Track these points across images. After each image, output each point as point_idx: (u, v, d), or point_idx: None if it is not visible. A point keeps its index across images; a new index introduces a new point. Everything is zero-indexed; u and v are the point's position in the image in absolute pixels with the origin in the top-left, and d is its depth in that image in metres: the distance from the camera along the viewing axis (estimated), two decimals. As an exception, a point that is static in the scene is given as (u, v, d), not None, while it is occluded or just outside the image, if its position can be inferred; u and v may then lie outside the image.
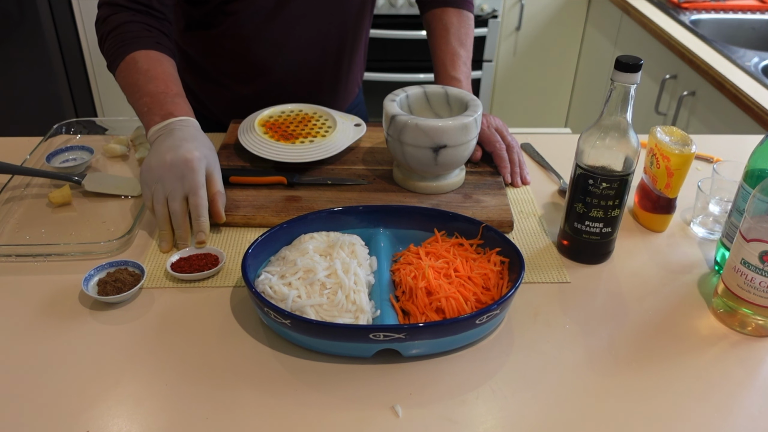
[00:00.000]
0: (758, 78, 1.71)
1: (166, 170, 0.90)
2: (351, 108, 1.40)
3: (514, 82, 2.90)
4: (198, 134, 0.96)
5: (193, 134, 0.95)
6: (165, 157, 0.90)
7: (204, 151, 0.93)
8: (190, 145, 0.92)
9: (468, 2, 1.26)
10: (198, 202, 0.91)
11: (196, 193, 0.91)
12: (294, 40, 1.21)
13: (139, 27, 1.03)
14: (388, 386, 0.73)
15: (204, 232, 0.91)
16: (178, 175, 0.90)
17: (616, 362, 0.77)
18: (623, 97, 0.83)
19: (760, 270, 0.77)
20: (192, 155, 0.90)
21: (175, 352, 0.77)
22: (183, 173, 0.90)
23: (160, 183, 0.91)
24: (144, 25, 1.03)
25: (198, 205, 0.91)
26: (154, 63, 1.01)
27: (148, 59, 1.01)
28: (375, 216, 0.93)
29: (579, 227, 0.91)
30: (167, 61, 1.03)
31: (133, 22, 1.03)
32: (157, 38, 1.04)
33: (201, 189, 0.91)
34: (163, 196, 0.91)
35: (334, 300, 0.77)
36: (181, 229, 0.92)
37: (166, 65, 1.02)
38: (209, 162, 0.94)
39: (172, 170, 0.90)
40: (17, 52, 2.43)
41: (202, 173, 0.91)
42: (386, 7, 2.59)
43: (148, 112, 0.97)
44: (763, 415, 0.71)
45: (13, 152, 1.15)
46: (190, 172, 0.90)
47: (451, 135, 0.97)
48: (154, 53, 1.02)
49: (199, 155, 0.91)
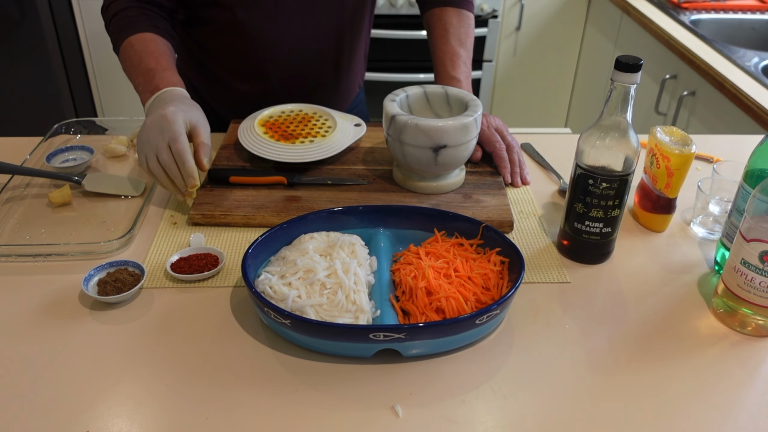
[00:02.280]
0: (758, 78, 1.71)
1: (148, 131, 0.96)
2: (352, 107, 1.40)
3: (514, 82, 2.90)
4: (180, 97, 1.01)
5: (174, 97, 1.00)
6: (146, 122, 0.97)
7: (181, 107, 0.98)
8: (167, 105, 0.97)
9: (468, 2, 1.26)
10: (178, 148, 0.94)
11: (176, 140, 0.94)
12: (291, 37, 1.21)
13: (137, 12, 1.09)
14: (388, 386, 0.73)
15: (192, 177, 0.95)
16: (158, 130, 0.95)
17: (616, 362, 0.77)
18: (623, 97, 0.83)
19: (760, 270, 0.77)
20: (166, 110, 0.95)
21: (175, 352, 0.77)
22: (161, 126, 0.95)
23: (147, 144, 0.96)
24: (143, 9, 1.10)
25: (179, 151, 0.94)
26: (147, 43, 1.07)
27: (142, 41, 1.07)
28: (375, 216, 0.93)
29: (579, 227, 0.91)
30: (160, 41, 1.09)
31: (132, 8, 1.10)
32: (154, 21, 1.10)
33: (180, 136, 0.94)
34: (153, 154, 0.95)
35: (334, 300, 0.77)
36: (177, 178, 0.96)
37: (158, 43, 1.08)
38: (189, 115, 0.98)
39: (153, 128, 0.95)
40: (17, 52, 2.43)
41: (179, 123, 0.95)
42: (386, 7, 2.59)
43: (142, 91, 1.04)
44: (763, 415, 0.71)
45: (13, 152, 1.16)
46: (167, 123, 0.95)
47: (451, 135, 0.97)
48: (149, 35, 1.08)
49: (174, 109, 0.96)
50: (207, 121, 1.01)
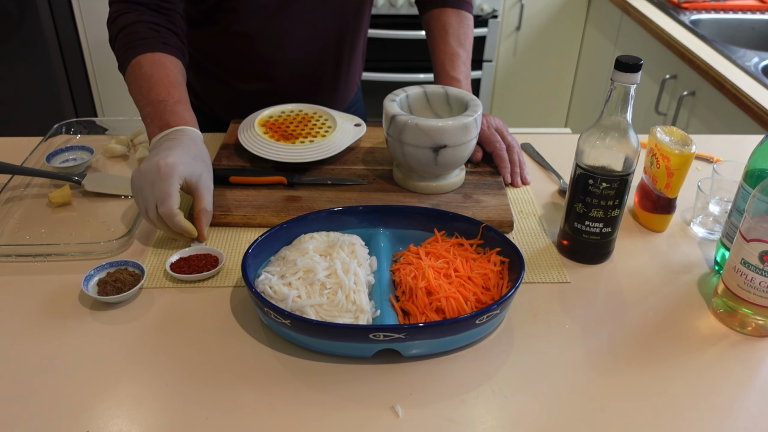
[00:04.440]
0: (758, 78, 1.71)
1: (140, 178, 0.88)
2: (349, 107, 1.41)
3: (514, 82, 2.90)
4: (189, 143, 0.92)
5: (183, 143, 0.91)
6: (141, 166, 0.88)
7: (185, 159, 0.88)
8: (168, 152, 0.88)
9: (467, 3, 1.26)
10: (164, 212, 0.86)
11: (163, 203, 0.86)
12: (293, 38, 1.21)
13: (145, 27, 1.01)
14: (388, 386, 0.73)
15: (187, 232, 0.89)
16: (150, 182, 0.86)
17: (616, 362, 0.77)
18: (623, 97, 0.83)
19: (760, 270, 0.77)
20: (165, 161, 0.86)
21: (175, 352, 0.77)
22: (153, 180, 0.86)
23: (139, 193, 0.88)
24: (151, 24, 1.02)
25: (166, 215, 0.86)
26: (157, 67, 0.98)
27: (152, 63, 0.98)
28: (375, 216, 0.93)
29: (579, 227, 0.91)
30: (171, 64, 1.00)
31: (140, 23, 1.01)
32: (164, 38, 1.02)
33: (169, 198, 0.86)
34: (143, 207, 0.88)
35: (334, 300, 0.77)
36: (170, 233, 0.90)
37: (169, 68, 0.99)
38: (190, 171, 0.89)
39: (145, 178, 0.87)
40: (17, 52, 2.43)
41: (172, 181, 0.86)
42: (386, 7, 2.59)
43: (150, 123, 0.96)
44: (763, 415, 0.71)
45: (13, 152, 1.15)
46: (159, 179, 0.86)
47: (451, 135, 0.97)
48: (159, 56, 0.99)
49: (173, 161, 0.87)
50: (211, 175, 0.94)
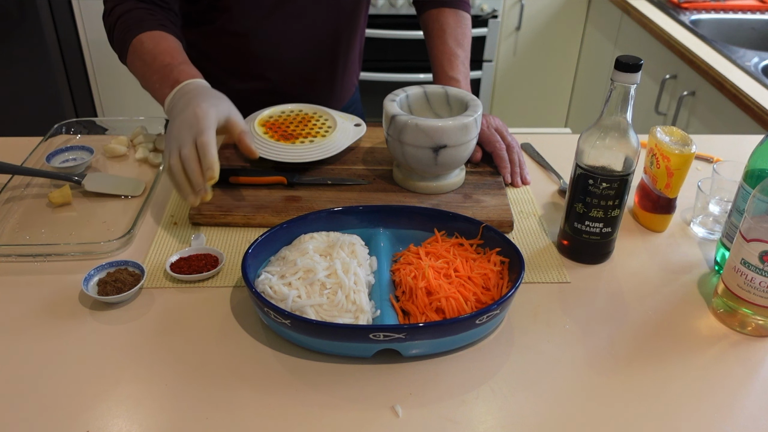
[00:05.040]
0: (758, 78, 1.71)
1: (177, 127, 0.92)
2: (347, 107, 1.41)
3: (514, 82, 2.90)
4: (204, 91, 0.97)
5: (201, 91, 0.96)
6: (176, 119, 0.93)
7: (212, 101, 0.94)
8: (197, 100, 0.93)
9: (464, 2, 1.26)
10: (203, 141, 0.90)
11: (202, 134, 0.90)
12: (288, 37, 1.21)
13: (142, 12, 1.06)
14: (388, 386, 0.73)
15: (212, 169, 0.90)
16: (187, 125, 0.91)
17: (616, 362, 0.77)
18: (623, 97, 0.83)
19: (760, 270, 0.77)
20: (199, 107, 0.92)
21: (175, 352, 0.77)
22: (191, 123, 0.91)
23: (173, 140, 0.92)
24: (147, 11, 1.07)
25: (203, 144, 0.90)
26: (157, 41, 1.03)
27: (152, 39, 1.03)
28: (375, 216, 0.93)
29: (579, 227, 0.91)
30: (170, 38, 1.05)
31: (137, 9, 1.06)
32: (161, 21, 1.07)
33: (207, 130, 0.91)
34: (175, 149, 0.91)
35: (334, 300, 0.77)
36: (194, 174, 0.91)
37: (170, 40, 1.04)
38: (220, 110, 0.94)
39: (183, 125, 0.92)
40: (17, 52, 2.43)
41: (209, 119, 0.92)
42: (386, 7, 2.59)
43: (160, 87, 0.99)
44: (763, 415, 0.71)
45: (13, 152, 1.15)
46: (197, 119, 0.91)
47: (451, 135, 0.97)
48: (158, 33, 1.04)
49: (206, 106, 0.92)
50: (236, 109, 0.99)
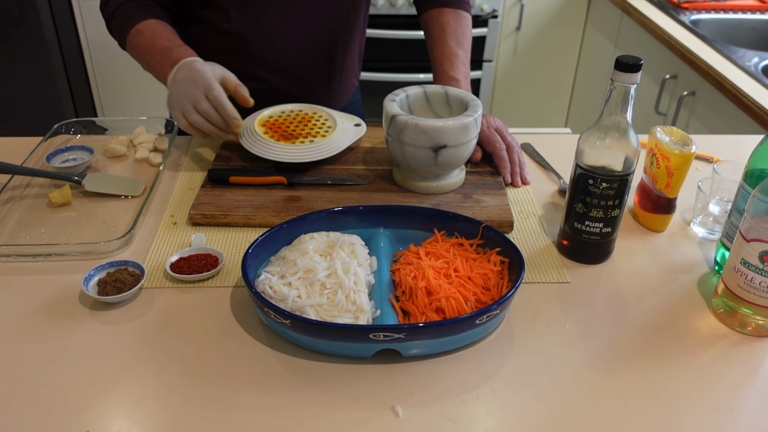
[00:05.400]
0: (758, 78, 1.71)
1: (180, 86, 1.02)
2: (347, 107, 1.40)
3: (514, 82, 2.90)
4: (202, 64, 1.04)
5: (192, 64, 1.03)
6: (176, 78, 1.03)
7: (207, 65, 1.03)
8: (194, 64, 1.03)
9: (465, 2, 1.26)
10: (215, 95, 1.00)
11: (212, 88, 1.00)
12: (283, 37, 1.21)
13: (136, 5, 1.14)
14: (388, 386, 0.73)
15: (236, 118, 1.02)
16: (191, 82, 1.00)
17: (616, 362, 0.77)
18: (623, 97, 0.83)
19: (760, 270, 0.77)
20: (194, 65, 1.02)
21: (175, 352, 0.77)
22: (193, 78, 1.00)
23: (183, 97, 1.01)
24: (140, 3, 1.14)
25: (216, 98, 1.00)
26: (155, 27, 1.11)
27: (150, 26, 1.12)
28: (375, 216, 0.93)
29: (579, 227, 0.91)
30: (167, 26, 1.14)
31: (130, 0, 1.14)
32: (155, 11, 1.15)
33: (214, 83, 1.00)
34: (190, 106, 1.01)
35: (334, 300, 0.77)
36: (219, 122, 1.02)
37: (166, 27, 1.13)
38: (216, 70, 1.04)
39: (185, 82, 1.01)
40: (17, 52, 2.43)
41: (209, 73, 1.00)
42: (386, 7, 2.59)
43: (161, 69, 1.07)
44: (763, 415, 0.71)
45: (13, 152, 1.16)
46: (198, 74, 1.00)
47: (451, 135, 0.97)
48: (154, 21, 1.13)
49: (201, 66, 1.01)
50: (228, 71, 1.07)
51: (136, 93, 2.62)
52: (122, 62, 2.60)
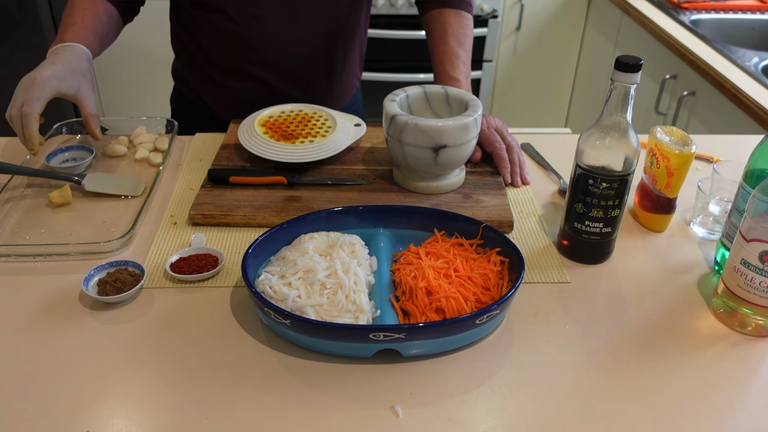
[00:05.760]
0: (758, 78, 1.71)
1: (21, 83, 0.99)
2: (347, 107, 1.40)
3: (514, 82, 2.90)
4: (71, 58, 1.02)
5: (65, 58, 1.02)
6: (25, 77, 1.00)
7: (61, 73, 1.00)
8: (47, 67, 1.00)
9: (466, 3, 1.26)
10: (25, 111, 0.97)
11: (29, 104, 0.97)
12: (282, 37, 1.21)
13: None
14: (388, 386, 0.73)
15: (30, 142, 0.98)
16: (25, 87, 0.98)
17: (616, 362, 0.77)
18: (623, 97, 0.83)
19: (760, 270, 0.77)
20: (41, 75, 0.98)
21: (175, 352, 0.77)
22: (27, 85, 0.98)
23: (17, 89, 0.99)
24: None
25: (24, 114, 0.97)
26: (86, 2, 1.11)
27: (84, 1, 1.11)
28: (375, 216, 0.93)
29: (579, 227, 0.91)
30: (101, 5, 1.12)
31: None
32: None
33: (34, 101, 0.97)
34: (12, 103, 0.99)
35: (334, 300, 0.77)
36: (18, 134, 0.99)
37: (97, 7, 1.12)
38: (68, 86, 1.00)
39: (23, 84, 0.99)
40: (17, 52, 2.43)
41: (44, 90, 0.97)
42: (386, 7, 2.59)
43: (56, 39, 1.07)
44: (763, 415, 0.71)
45: (13, 152, 1.16)
46: (33, 85, 0.97)
47: (451, 135, 0.97)
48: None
49: (48, 75, 0.98)
50: (92, 86, 1.05)
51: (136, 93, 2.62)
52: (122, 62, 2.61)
